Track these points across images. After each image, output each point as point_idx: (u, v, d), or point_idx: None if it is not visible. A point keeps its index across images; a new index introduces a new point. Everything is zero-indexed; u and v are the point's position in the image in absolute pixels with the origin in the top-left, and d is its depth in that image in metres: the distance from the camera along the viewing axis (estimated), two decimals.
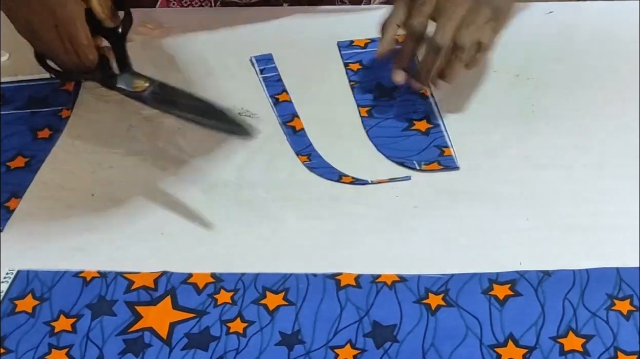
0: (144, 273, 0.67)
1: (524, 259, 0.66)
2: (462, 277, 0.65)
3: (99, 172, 0.77)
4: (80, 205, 0.73)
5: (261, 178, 0.76)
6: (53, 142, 0.81)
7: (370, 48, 0.92)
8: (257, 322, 0.63)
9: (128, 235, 0.71)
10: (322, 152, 0.78)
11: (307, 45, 0.93)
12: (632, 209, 0.70)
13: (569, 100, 0.82)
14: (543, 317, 0.62)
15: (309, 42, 0.93)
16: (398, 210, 0.72)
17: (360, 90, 0.86)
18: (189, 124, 0.81)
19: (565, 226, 0.69)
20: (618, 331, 0.60)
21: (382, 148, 0.79)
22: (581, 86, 0.84)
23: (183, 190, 0.74)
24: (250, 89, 0.87)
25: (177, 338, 0.62)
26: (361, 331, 0.62)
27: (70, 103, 0.85)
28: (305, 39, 0.93)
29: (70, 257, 0.69)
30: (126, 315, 0.64)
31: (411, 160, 0.77)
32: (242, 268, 0.67)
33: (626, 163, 0.74)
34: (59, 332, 0.63)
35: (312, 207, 0.72)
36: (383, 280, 0.65)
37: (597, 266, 0.65)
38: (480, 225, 0.70)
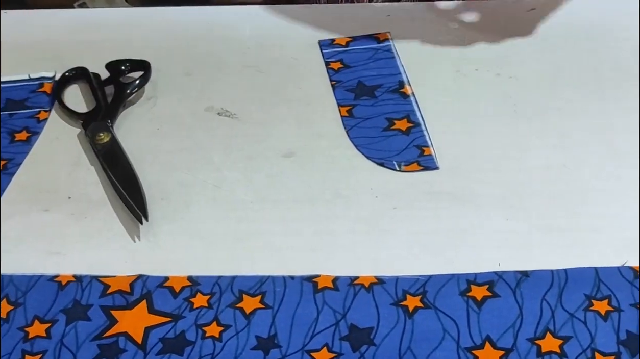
0: (120, 276, 0.66)
1: (502, 260, 0.66)
2: (440, 278, 0.65)
3: (76, 174, 0.76)
4: (56, 208, 0.73)
5: (239, 179, 0.75)
6: (31, 145, 0.80)
7: (351, 46, 0.91)
8: (233, 326, 0.62)
9: (105, 238, 0.70)
10: (301, 151, 0.78)
11: (288, 44, 0.92)
12: (611, 210, 0.69)
13: (550, 99, 0.82)
14: (521, 318, 0.61)
15: (289, 41, 0.92)
16: (377, 211, 0.71)
17: (341, 89, 0.86)
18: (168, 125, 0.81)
19: (545, 226, 0.68)
20: (596, 332, 0.60)
21: (362, 148, 0.78)
22: (563, 85, 0.83)
23: (160, 191, 0.74)
24: (230, 89, 0.86)
25: (152, 342, 0.61)
26: (338, 334, 0.61)
27: (49, 105, 0.85)
28: (285, 38, 0.93)
29: (46, 261, 0.68)
30: (101, 320, 0.63)
31: (391, 161, 0.76)
32: (219, 271, 0.66)
33: (606, 164, 0.74)
34: (33, 338, 0.62)
35: (290, 208, 0.72)
36: (361, 281, 0.65)
37: (575, 267, 0.64)
38: (459, 226, 0.69)
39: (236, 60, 0.90)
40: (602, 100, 0.81)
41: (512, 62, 0.87)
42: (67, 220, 0.72)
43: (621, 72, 0.84)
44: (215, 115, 0.83)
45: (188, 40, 0.94)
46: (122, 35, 0.94)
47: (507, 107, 0.81)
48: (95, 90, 0.84)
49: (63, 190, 0.75)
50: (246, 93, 0.85)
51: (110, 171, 0.75)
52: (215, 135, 0.80)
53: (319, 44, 0.92)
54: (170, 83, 0.87)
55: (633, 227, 0.68)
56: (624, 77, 0.84)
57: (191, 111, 0.83)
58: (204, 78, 0.88)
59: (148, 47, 0.92)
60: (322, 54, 0.90)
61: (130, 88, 0.84)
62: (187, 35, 0.95)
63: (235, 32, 0.95)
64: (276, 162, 0.77)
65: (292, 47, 0.91)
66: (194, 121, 0.82)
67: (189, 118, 0.83)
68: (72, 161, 0.78)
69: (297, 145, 0.78)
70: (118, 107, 0.83)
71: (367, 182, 0.74)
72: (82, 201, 0.73)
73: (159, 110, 0.84)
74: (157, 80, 0.87)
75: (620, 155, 0.74)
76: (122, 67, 0.87)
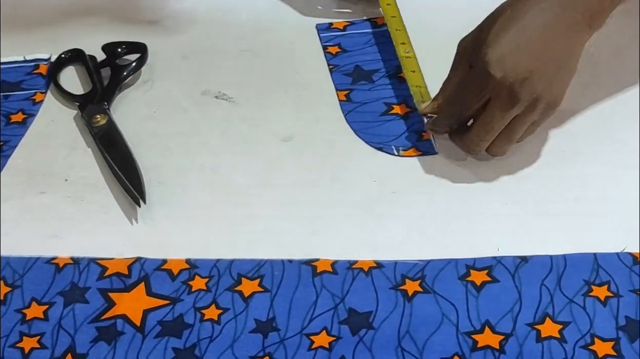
0: (118, 259, 0.66)
1: (501, 244, 0.66)
2: (439, 263, 0.65)
3: (73, 157, 0.76)
4: (53, 191, 0.72)
5: (237, 163, 0.75)
6: (26, 127, 0.79)
7: (349, 30, 0.91)
8: (232, 309, 0.62)
9: (102, 220, 0.70)
10: (299, 135, 0.77)
11: (285, 28, 0.91)
12: (609, 195, 0.69)
13: None
14: (520, 303, 0.61)
15: (286, 25, 0.92)
16: (375, 195, 0.71)
17: (339, 73, 0.85)
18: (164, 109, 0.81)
19: (543, 211, 0.68)
20: (595, 317, 0.60)
21: (360, 132, 0.78)
22: None
23: (157, 175, 0.73)
24: (227, 72, 0.86)
25: (151, 325, 0.61)
26: (336, 318, 0.61)
27: (45, 87, 0.84)
28: (283, 22, 0.92)
29: (43, 244, 0.68)
30: (99, 302, 0.63)
31: (390, 146, 0.76)
32: (217, 254, 0.66)
33: (604, 149, 0.74)
34: (30, 320, 0.62)
35: (289, 192, 0.72)
36: (359, 266, 0.65)
37: (574, 252, 0.64)
38: (457, 211, 0.69)
39: (233, 44, 0.90)
40: (599, 87, 0.81)
41: None
42: (64, 203, 0.71)
43: (619, 57, 0.84)
44: (212, 98, 0.82)
45: (185, 23, 0.93)
46: (118, 17, 0.94)
47: None
48: (92, 73, 0.84)
49: (60, 172, 0.74)
50: (243, 77, 0.85)
51: (108, 154, 0.74)
52: (212, 118, 0.80)
53: (316, 28, 0.91)
54: (167, 67, 0.87)
55: (632, 213, 0.68)
56: (622, 63, 0.83)
57: (188, 94, 0.83)
58: (201, 62, 0.87)
59: (145, 30, 0.91)
60: (319, 38, 0.90)
61: (127, 71, 0.84)
62: (184, 18, 0.94)
63: (233, 15, 0.94)
64: (274, 146, 0.76)
65: (289, 31, 0.91)
66: (191, 104, 0.82)
67: (185, 101, 0.82)
68: (69, 143, 0.77)
69: (295, 130, 0.78)
70: (114, 90, 0.82)
71: (366, 167, 0.74)
72: (79, 183, 0.73)
73: (156, 93, 0.84)
74: (154, 63, 0.86)
75: (618, 140, 0.74)
76: (118, 50, 0.86)
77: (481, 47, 0.67)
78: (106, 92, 0.82)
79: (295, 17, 0.93)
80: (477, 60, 0.67)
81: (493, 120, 0.68)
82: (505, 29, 0.67)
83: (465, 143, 0.70)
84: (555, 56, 0.67)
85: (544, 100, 0.68)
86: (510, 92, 0.66)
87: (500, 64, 0.66)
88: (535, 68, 0.66)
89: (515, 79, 0.66)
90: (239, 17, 0.94)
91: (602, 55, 0.84)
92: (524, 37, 0.67)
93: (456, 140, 0.72)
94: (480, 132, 0.69)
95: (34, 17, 0.94)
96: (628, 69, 0.83)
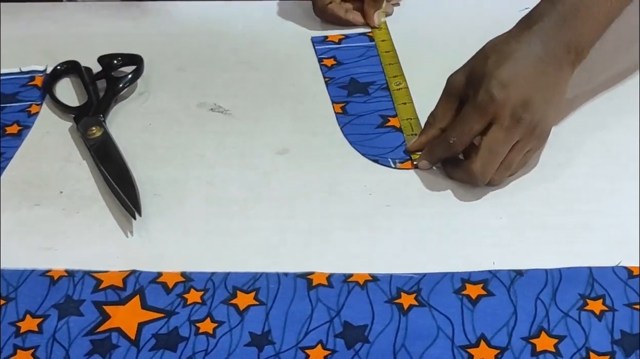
0: (113, 272, 0.66)
1: (497, 258, 0.66)
2: (434, 276, 0.64)
3: (68, 169, 0.76)
4: (48, 203, 0.72)
5: (233, 176, 0.75)
6: (22, 138, 0.79)
7: (344, 44, 0.91)
8: (227, 322, 0.62)
9: (97, 233, 0.70)
10: (295, 148, 0.77)
11: (281, 40, 0.92)
12: (605, 208, 0.70)
13: None
14: (515, 317, 0.61)
15: (282, 37, 0.92)
16: (371, 208, 0.71)
17: (334, 86, 0.85)
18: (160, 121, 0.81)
19: (539, 225, 0.69)
20: (590, 331, 0.60)
21: (356, 145, 0.78)
22: None
23: (153, 187, 0.73)
24: (223, 85, 0.86)
25: (145, 338, 0.61)
26: (332, 331, 0.61)
27: (40, 99, 0.84)
28: (278, 34, 0.93)
29: (38, 256, 0.67)
30: (94, 315, 0.63)
31: (386, 158, 0.76)
32: (212, 267, 0.66)
33: (600, 162, 0.74)
34: (24, 333, 0.62)
35: (284, 205, 0.72)
36: (355, 279, 0.64)
37: (569, 266, 0.64)
38: (453, 224, 0.69)
39: (229, 56, 0.90)
40: (594, 100, 0.81)
41: None
42: (59, 215, 0.71)
43: (613, 71, 0.84)
44: (208, 111, 0.82)
45: (181, 35, 0.93)
46: (114, 29, 0.94)
47: None
48: (87, 84, 0.84)
49: (55, 184, 0.74)
50: (239, 90, 0.85)
51: (103, 166, 0.74)
52: (207, 131, 0.80)
53: (311, 41, 0.91)
54: (163, 79, 0.87)
55: (627, 226, 0.68)
56: (616, 77, 0.84)
57: (184, 106, 0.83)
58: (197, 74, 0.87)
59: (141, 42, 0.91)
60: (315, 51, 0.90)
61: (122, 83, 0.84)
62: (181, 30, 0.94)
63: (229, 28, 0.94)
64: (270, 159, 0.76)
65: (285, 44, 0.91)
66: (187, 117, 0.82)
67: (181, 113, 0.82)
68: (64, 156, 0.77)
69: (290, 142, 0.78)
70: (110, 102, 0.82)
71: (361, 180, 0.74)
72: (74, 196, 0.73)
73: (151, 105, 0.84)
74: (150, 75, 0.87)
75: (614, 154, 0.75)
76: (114, 62, 0.86)
77: (482, 78, 0.70)
78: (102, 104, 0.82)
79: (291, 30, 0.93)
80: (478, 89, 0.70)
81: (498, 143, 0.69)
82: (500, 62, 0.70)
83: (472, 173, 0.70)
84: (548, 86, 0.71)
85: (540, 126, 0.70)
86: (513, 114, 0.69)
87: (503, 88, 0.69)
88: (534, 94, 0.69)
89: (517, 101, 0.69)
90: (235, 29, 0.94)
91: (597, 69, 0.84)
92: (520, 68, 0.70)
93: (459, 174, 0.73)
94: (485, 156, 0.69)
95: (30, 28, 0.95)
96: (623, 82, 0.83)
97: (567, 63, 0.72)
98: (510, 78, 0.69)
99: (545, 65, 0.71)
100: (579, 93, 0.82)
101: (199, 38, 0.93)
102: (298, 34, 0.92)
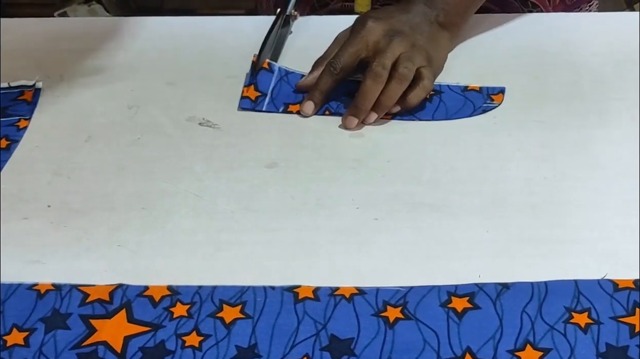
0: (100, 285, 0.66)
1: (483, 271, 0.66)
2: (421, 290, 0.65)
3: (56, 183, 0.76)
4: (36, 217, 0.72)
5: (221, 189, 0.75)
6: (10, 152, 0.79)
7: None
8: (214, 335, 0.62)
9: (84, 247, 0.70)
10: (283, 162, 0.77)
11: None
12: (590, 222, 0.70)
13: (530, 111, 0.82)
14: (501, 330, 0.61)
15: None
16: (358, 221, 0.71)
17: None
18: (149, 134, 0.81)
19: (525, 238, 0.69)
20: (575, 344, 0.60)
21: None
22: (543, 99, 0.84)
23: (141, 200, 0.73)
24: (212, 99, 0.86)
25: (132, 352, 0.61)
26: (318, 345, 0.61)
27: (29, 114, 0.84)
28: None
29: (25, 269, 0.67)
30: (80, 329, 0.63)
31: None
32: (199, 280, 0.66)
33: (586, 175, 0.74)
34: (11, 346, 0.61)
35: (272, 219, 0.72)
36: (341, 292, 0.65)
37: (555, 279, 0.65)
38: (440, 237, 0.69)
39: (218, 70, 0.90)
40: (582, 114, 0.81)
41: (492, 75, 0.87)
42: (47, 229, 0.71)
43: (600, 85, 0.85)
44: (197, 125, 0.82)
45: (170, 50, 0.94)
46: (103, 45, 0.94)
47: (487, 120, 0.82)
48: None
49: (43, 198, 0.74)
50: (228, 104, 0.85)
51: None
52: (196, 144, 0.80)
53: None
54: (152, 93, 0.87)
55: (613, 239, 0.68)
56: (604, 91, 0.84)
57: (172, 120, 0.83)
58: (186, 88, 0.88)
59: (130, 57, 0.91)
60: None
61: None
62: (169, 45, 0.94)
63: (218, 42, 0.95)
64: (258, 173, 0.77)
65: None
66: (175, 131, 0.82)
67: (170, 127, 0.82)
68: (52, 169, 0.77)
69: (279, 156, 0.78)
70: None
71: (349, 193, 0.74)
72: (62, 209, 0.73)
73: (140, 119, 0.84)
74: (139, 89, 0.87)
75: (600, 167, 0.75)
76: None
77: (362, 18, 0.85)
78: None
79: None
80: (357, 26, 0.85)
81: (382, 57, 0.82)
82: (376, 10, 0.91)
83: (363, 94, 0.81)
84: (410, 22, 0.86)
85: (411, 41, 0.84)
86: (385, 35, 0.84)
87: (375, 20, 0.84)
88: (397, 24, 0.85)
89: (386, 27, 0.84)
90: (224, 43, 0.94)
91: (586, 84, 0.84)
92: (390, 12, 0.87)
93: (352, 110, 0.82)
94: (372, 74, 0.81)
95: (19, 44, 0.95)
96: (611, 97, 0.83)
97: (431, 18, 0.87)
98: (381, 16, 0.85)
99: (410, 14, 0.86)
100: (566, 107, 0.82)
101: (188, 53, 0.93)
102: (286, 49, 0.93)
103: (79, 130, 0.82)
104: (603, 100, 0.83)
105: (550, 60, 0.89)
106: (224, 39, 0.95)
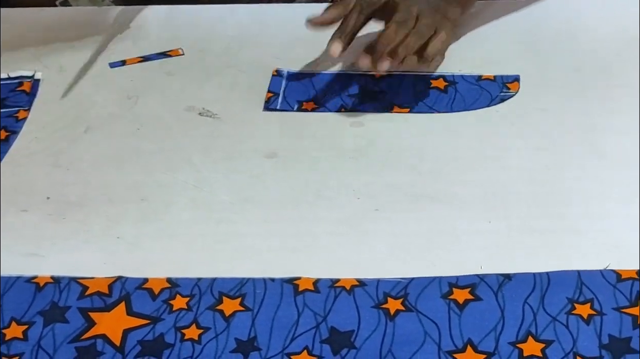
0: (99, 278, 0.65)
1: (484, 262, 0.65)
2: (422, 281, 0.64)
3: (55, 175, 0.75)
4: (34, 209, 0.72)
5: (220, 180, 0.74)
6: (9, 144, 0.79)
7: None
8: (213, 328, 0.61)
9: (83, 239, 0.69)
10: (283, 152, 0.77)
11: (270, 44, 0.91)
12: (593, 211, 0.69)
13: (532, 100, 0.81)
14: (502, 322, 0.61)
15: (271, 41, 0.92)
16: (358, 212, 0.71)
17: None
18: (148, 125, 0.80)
19: (527, 228, 0.68)
20: (578, 336, 0.59)
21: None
22: (545, 86, 0.83)
23: (139, 192, 0.73)
24: (211, 89, 0.85)
25: (131, 345, 0.61)
26: (318, 337, 0.61)
27: (28, 105, 0.84)
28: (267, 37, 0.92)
29: (23, 262, 0.67)
30: (79, 322, 0.62)
31: None
32: (199, 273, 0.66)
33: (588, 165, 0.74)
34: (9, 340, 0.61)
35: (272, 210, 0.71)
36: (342, 284, 0.64)
37: (558, 270, 0.64)
38: (441, 228, 0.69)
39: (218, 60, 0.90)
40: (585, 102, 0.81)
41: (493, 63, 0.86)
42: (46, 221, 0.71)
43: (603, 73, 0.84)
44: (196, 115, 0.82)
45: (169, 39, 0.93)
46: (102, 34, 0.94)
47: (489, 109, 0.81)
48: None
49: (41, 190, 0.74)
50: (228, 94, 0.85)
51: None
52: (195, 135, 0.80)
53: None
54: (152, 83, 0.86)
55: (616, 230, 0.67)
56: (606, 79, 0.83)
57: (172, 111, 0.83)
58: (185, 78, 0.87)
59: (129, 47, 0.91)
60: None
61: None
62: (169, 34, 0.94)
63: (217, 31, 0.94)
64: (258, 163, 0.76)
65: (273, 47, 0.91)
66: (175, 121, 0.81)
67: (169, 118, 0.82)
68: (51, 161, 0.77)
69: (278, 146, 0.78)
70: None
71: (349, 184, 0.73)
72: (60, 202, 0.73)
73: (139, 109, 0.83)
74: (138, 80, 0.86)
75: (602, 157, 0.74)
76: None
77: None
78: None
79: (280, 33, 0.93)
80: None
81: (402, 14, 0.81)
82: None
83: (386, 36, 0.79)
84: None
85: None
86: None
87: None
88: None
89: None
90: (223, 33, 0.94)
91: (588, 72, 0.84)
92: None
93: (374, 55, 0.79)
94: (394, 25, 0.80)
95: (19, 33, 0.94)
96: (614, 85, 0.83)
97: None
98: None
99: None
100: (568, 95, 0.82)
101: (188, 42, 0.92)
102: (287, 37, 0.92)
103: (78, 121, 0.82)
104: (605, 87, 0.82)
105: (550, 47, 0.88)
106: (223, 27, 0.94)
